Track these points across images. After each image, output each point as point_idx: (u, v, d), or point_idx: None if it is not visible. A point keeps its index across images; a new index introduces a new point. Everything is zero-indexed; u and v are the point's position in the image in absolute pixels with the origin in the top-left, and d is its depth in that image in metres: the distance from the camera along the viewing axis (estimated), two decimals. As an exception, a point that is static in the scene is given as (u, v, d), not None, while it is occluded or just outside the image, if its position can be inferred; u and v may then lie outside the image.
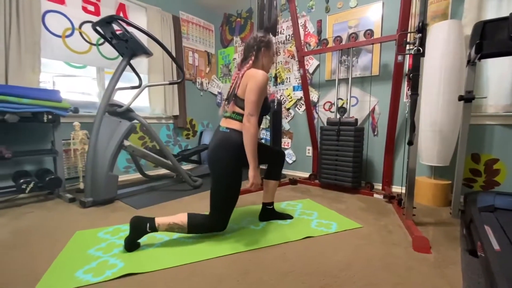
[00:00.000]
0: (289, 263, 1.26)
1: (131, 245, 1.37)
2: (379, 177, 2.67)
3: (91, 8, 2.72)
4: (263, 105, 1.46)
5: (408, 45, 1.96)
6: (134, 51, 2.23)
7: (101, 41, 2.77)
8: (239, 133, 1.43)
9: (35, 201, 2.22)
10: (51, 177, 2.16)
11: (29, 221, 1.78)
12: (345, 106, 2.60)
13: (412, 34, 2.08)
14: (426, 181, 2.18)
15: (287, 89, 3.33)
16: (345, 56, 2.77)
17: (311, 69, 3.08)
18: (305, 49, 3.07)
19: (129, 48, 2.20)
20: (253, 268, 1.22)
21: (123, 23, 2.05)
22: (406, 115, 2.45)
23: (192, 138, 3.92)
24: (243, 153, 1.40)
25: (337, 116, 2.61)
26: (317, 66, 3.03)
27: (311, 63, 3.07)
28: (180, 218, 1.42)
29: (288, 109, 3.36)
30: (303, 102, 3.16)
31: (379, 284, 1.11)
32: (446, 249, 1.42)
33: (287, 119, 3.38)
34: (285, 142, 3.42)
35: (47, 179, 2.13)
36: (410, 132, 1.64)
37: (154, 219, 1.38)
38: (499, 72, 2.01)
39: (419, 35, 1.53)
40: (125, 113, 2.29)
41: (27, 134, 2.34)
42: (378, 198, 2.32)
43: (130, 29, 2.14)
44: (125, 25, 2.07)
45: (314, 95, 3.07)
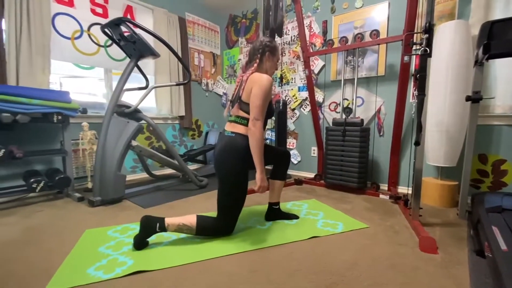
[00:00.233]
0: (296, 262, 1.27)
1: (140, 243, 1.39)
2: (385, 178, 2.67)
3: (99, 10, 2.77)
4: (267, 109, 1.47)
5: (414, 46, 1.96)
6: (141, 53, 2.26)
7: (109, 42, 2.81)
8: (244, 137, 1.44)
9: (44, 200, 2.26)
10: (61, 177, 2.20)
11: (39, 219, 1.82)
12: (351, 106, 2.60)
13: (418, 34, 2.07)
14: (432, 182, 2.17)
15: (292, 89, 3.34)
16: (350, 56, 2.77)
17: (316, 69, 3.08)
18: (311, 49, 3.07)
19: (136, 49, 2.24)
20: (261, 266, 1.24)
21: (131, 25, 2.09)
22: (412, 115, 2.44)
23: (197, 138, 3.94)
24: (249, 157, 1.41)
25: (343, 116, 2.61)
26: (323, 66, 3.03)
27: (316, 64, 3.08)
28: (189, 219, 1.44)
29: (293, 110, 3.37)
30: (308, 102, 3.16)
31: (386, 283, 1.11)
32: (453, 249, 1.41)
33: (292, 119, 3.39)
34: (290, 142, 3.43)
35: (56, 178, 2.17)
36: (416, 132, 1.64)
37: (164, 219, 1.40)
38: (507, 72, 2.00)
39: (426, 35, 1.52)
40: (133, 113, 2.32)
41: (37, 134, 2.39)
42: (384, 198, 2.32)
43: (137, 30, 2.18)
44: (133, 27, 2.11)
45: (319, 96, 3.07)
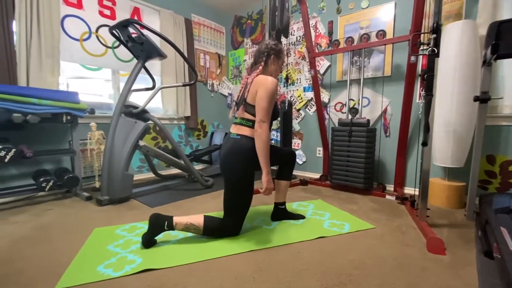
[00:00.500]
0: (303, 262, 1.28)
1: (149, 241, 1.41)
2: (391, 178, 2.65)
3: (107, 12, 2.81)
4: (272, 110, 1.47)
5: (421, 46, 1.95)
6: (149, 54, 2.29)
7: (117, 44, 2.84)
8: (249, 139, 1.45)
9: (53, 199, 2.30)
10: (69, 176, 2.23)
11: (49, 218, 1.85)
12: (357, 106, 2.59)
13: (426, 34, 2.06)
14: (440, 183, 2.16)
15: (297, 90, 3.34)
16: (356, 57, 2.76)
17: (322, 70, 3.08)
18: (316, 50, 3.08)
19: (144, 50, 2.26)
20: (268, 265, 1.24)
21: (138, 27, 2.11)
22: (419, 115, 2.43)
23: (203, 138, 3.97)
24: (255, 158, 1.42)
25: (349, 116, 2.61)
26: (328, 67, 3.03)
27: (322, 64, 3.08)
28: (197, 219, 1.46)
29: (298, 110, 3.37)
30: (313, 103, 3.17)
31: (394, 283, 1.11)
32: (461, 250, 1.41)
33: (297, 119, 3.39)
34: (295, 143, 3.43)
35: (65, 177, 2.21)
36: (424, 133, 1.63)
37: (172, 217, 1.42)
38: (516, 72, 1.98)
39: (434, 35, 1.52)
40: (140, 114, 2.35)
41: (46, 134, 2.43)
42: (390, 199, 2.31)
43: (145, 32, 2.20)
44: (140, 29, 2.13)
45: (325, 96, 3.07)
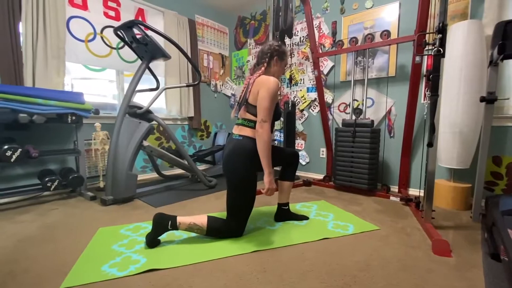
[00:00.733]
0: (308, 263, 1.27)
1: (152, 241, 1.41)
2: (395, 179, 2.63)
3: (112, 13, 2.83)
4: (274, 111, 1.48)
5: (427, 46, 1.94)
6: (153, 55, 2.30)
7: (121, 45, 2.86)
8: (251, 139, 1.45)
9: (58, 199, 2.31)
10: (74, 176, 2.25)
11: (54, 217, 1.87)
12: (361, 107, 2.58)
13: (431, 34, 2.05)
14: (445, 184, 2.14)
15: (301, 90, 3.34)
16: (360, 57, 2.75)
17: (325, 70, 3.08)
18: (320, 50, 3.07)
19: (148, 51, 2.27)
20: (272, 266, 1.24)
21: (143, 28, 2.12)
22: (424, 116, 2.41)
23: (206, 139, 3.97)
24: (257, 159, 1.42)
25: (353, 117, 2.60)
26: (332, 67, 3.02)
27: (325, 65, 3.07)
28: (200, 219, 1.46)
29: (301, 111, 3.36)
30: (317, 103, 3.16)
31: (399, 285, 1.10)
32: (467, 252, 1.39)
33: (300, 120, 3.39)
34: (299, 143, 3.43)
35: (70, 177, 2.22)
36: (429, 133, 1.62)
37: (176, 217, 1.43)
38: (522, 72, 1.96)
39: (439, 35, 1.51)
40: (144, 114, 2.36)
41: (52, 134, 2.45)
42: (394, 200, 2.29)
43: (149, 33, 2.21)
44: (144, 29, 2.14)
45: (328, 97, 3.06)
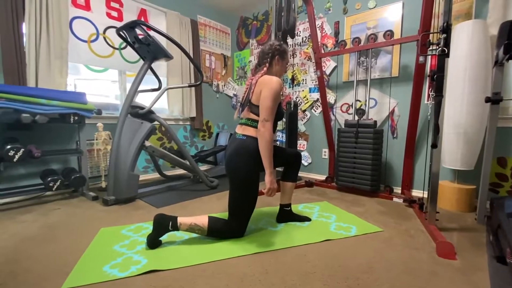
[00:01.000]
0: (310, 265, 1.26)
1: (154, 242, 1.41)
2: (398, 181, 2.61)
3: (114, 14, 2.83)
4: (277, 111, 1.47)
5: (430, 46, 1.92)
6: (155, 55, 2.30)
7: (123, 45, 2.87)
8: (255, 139, 1.44)
9: (60, 199, 2.31)
10: (76, 176, 2.25)
11: (56, 217, 1.87)
12: (364, 107, 2.56)
13: (435, 34, 2.03)
14: (449, 186, 2.11)
15: (303, 90, 3.32)
16: (363, 57, 2.73)
17: (328, 70, 3.06)
18: (322, 50, 3.06)
19: (150, 51, 2.27)
20: (274, 268, 1.23)
21: (145, 28, 2.12)
22: (428, 117, 2.39)
23: (208, 139, 3.97)
24: (260, 159, 1.41)
25: (355, 118, 2.58)
26: (334, 67, 3.01)
27: (328, 65, 3.05)
28: (201, 220, 1.45)
29: (304, 111, 3.35)
30: (319, 104, 3.14)
31: (403, 287, 1.09)
32: (471, 255, 1.37)
33: (302, 121, 3.37)
34: (301, 144, 3.41)
35: (72, 177, 2.22)
36: (433, 134, 1.60)
37: (176, 218, 1.42)
38: (528, 72, 1.94)
39: (444, 35, 1.49)
40: (147, 114, 2.36)
41: (54, 134, 2.45)
42: (397, 202, 2.27)
43: (151, 33, 2.21)
44: (147, 30, 2.14)
45: (331, 97, 3.04)
